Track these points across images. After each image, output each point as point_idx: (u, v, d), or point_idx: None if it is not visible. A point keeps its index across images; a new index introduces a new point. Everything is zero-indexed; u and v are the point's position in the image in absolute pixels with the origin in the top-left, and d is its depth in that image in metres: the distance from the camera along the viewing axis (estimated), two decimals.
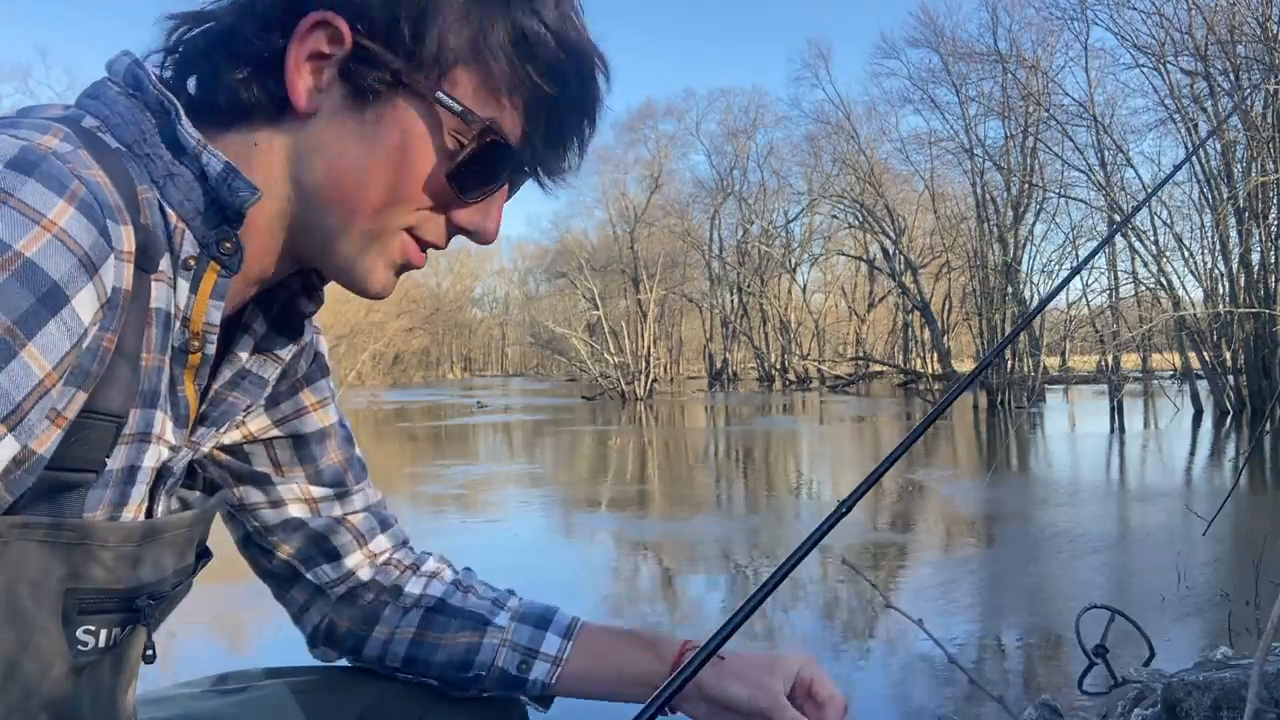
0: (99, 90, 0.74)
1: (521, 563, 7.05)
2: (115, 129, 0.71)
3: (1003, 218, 30.15)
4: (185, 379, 0.78)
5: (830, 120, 39.22)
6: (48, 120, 0.68)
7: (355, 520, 1.05)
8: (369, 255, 0.77)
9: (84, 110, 0.72)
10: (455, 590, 1.09)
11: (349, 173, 0.74)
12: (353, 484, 1.04)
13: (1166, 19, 22.24)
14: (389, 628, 1.06)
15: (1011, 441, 16.55)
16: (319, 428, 1.00)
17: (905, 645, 4.74)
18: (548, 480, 11.68)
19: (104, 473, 0.71)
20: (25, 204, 0.59)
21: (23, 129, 0.64)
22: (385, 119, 0.73)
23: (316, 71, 0.73)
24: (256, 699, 1.01)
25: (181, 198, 0.72)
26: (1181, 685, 2.44)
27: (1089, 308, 29.23)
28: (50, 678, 0.72)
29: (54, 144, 0.64)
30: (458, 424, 22.21)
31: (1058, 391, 31.40)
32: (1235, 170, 22.50)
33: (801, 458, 14.88)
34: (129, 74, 0.74)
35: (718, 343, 50.06)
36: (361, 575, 1.06)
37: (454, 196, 0.76)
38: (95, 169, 0.65)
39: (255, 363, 0.87)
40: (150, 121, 0.72)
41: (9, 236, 0.58)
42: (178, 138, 0.72)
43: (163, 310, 0.72)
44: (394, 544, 1.10)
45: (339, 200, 0.75)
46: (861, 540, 7.56)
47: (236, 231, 0.74)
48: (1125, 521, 8.56)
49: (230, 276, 0.75)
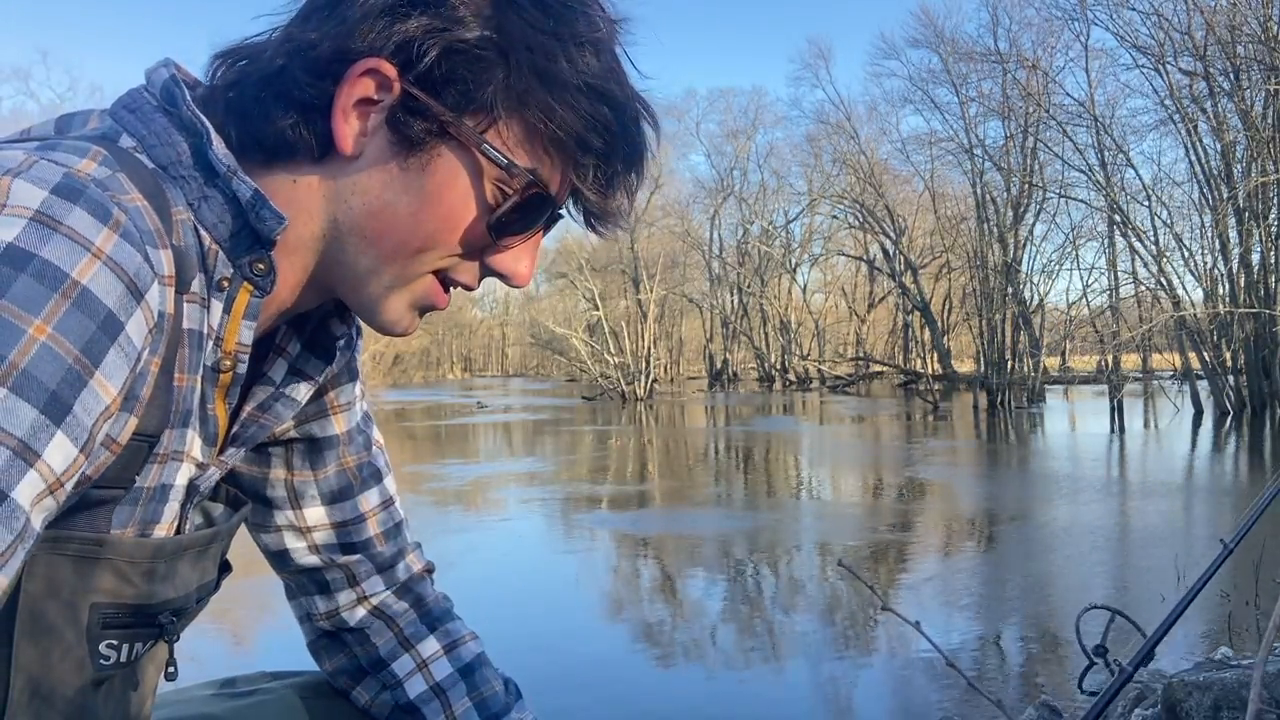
0: (136, 103, 0.74)
1: (521, 562, 7.06)
2: (151, 149, 0.72)
3: (1003, 218, 30.16)
4: (216, 397, 0.78)
5: (830, 120, 39.30)
6: (86, 141, 0.68)
7: (348, 559, 1.02)
8: (395, 295, 0.78)
9: (120, 125, 0.73)
10: (431, 699, 1.04)
11: (388, 217, 0.75)
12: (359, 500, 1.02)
13: (1166, 19, 22.26)
14: (368, 694, 1.06)
15: (1011, 441, 16.55)
16: (333, 433, 1.00)
17: (905, 645, 4.75)
18: (548, 479, 11.68)
19: (132, 490, 0.72)
20: (76, 231, 0.59)
21: (60, 152, 0.64)
22: (429, 167, 0.74)
23: (363, 117, 0.73)
24: (264, 702, 1.01)
25: (215, 220, 0.72)
26: (1182, 685, 2.45)
27: (1089, 308, 29.25)
28: (71, 690, 0.73)
29: (93, 169, 0.64)
30: (458, 424, 22.22)
31: (1058, 392, 31.40)
32: (1235, 170, 22.50)
33: (801, 458, 14.88)
34: (165, 90, 0.75)
35: (718, 343, 50.06)
36: (348, 617, 1.04)
37: (491, 243, 0.77)
38: (134, 194, 0.66)
39: (288, 384, 0.88)
40: (184, 144, 0.72)
41: (66, 264, 0.59)
42: (209, 160, 0.72)
43: (195, 330, 0.72)
44: (389, 585, 1.06)
45: (375, 243, 0.75)
46: (861, 540, 7.56)
47: (269, 254, 0.75)
48: (1125, 521, 8.56)
49: (263, 297, 0.76)
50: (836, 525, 8.36)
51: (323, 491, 1.00)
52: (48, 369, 0.57)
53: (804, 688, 4.30)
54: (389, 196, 0.74)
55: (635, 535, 8.05)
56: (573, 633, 5.19)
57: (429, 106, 0.72)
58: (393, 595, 1.05)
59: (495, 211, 0.75)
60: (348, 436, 1.01)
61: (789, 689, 4.27)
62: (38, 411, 0.57)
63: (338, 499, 1.01)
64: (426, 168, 0.74)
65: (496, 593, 5.86)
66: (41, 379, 0.57)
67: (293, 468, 0.99)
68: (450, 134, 0.73)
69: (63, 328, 0.58)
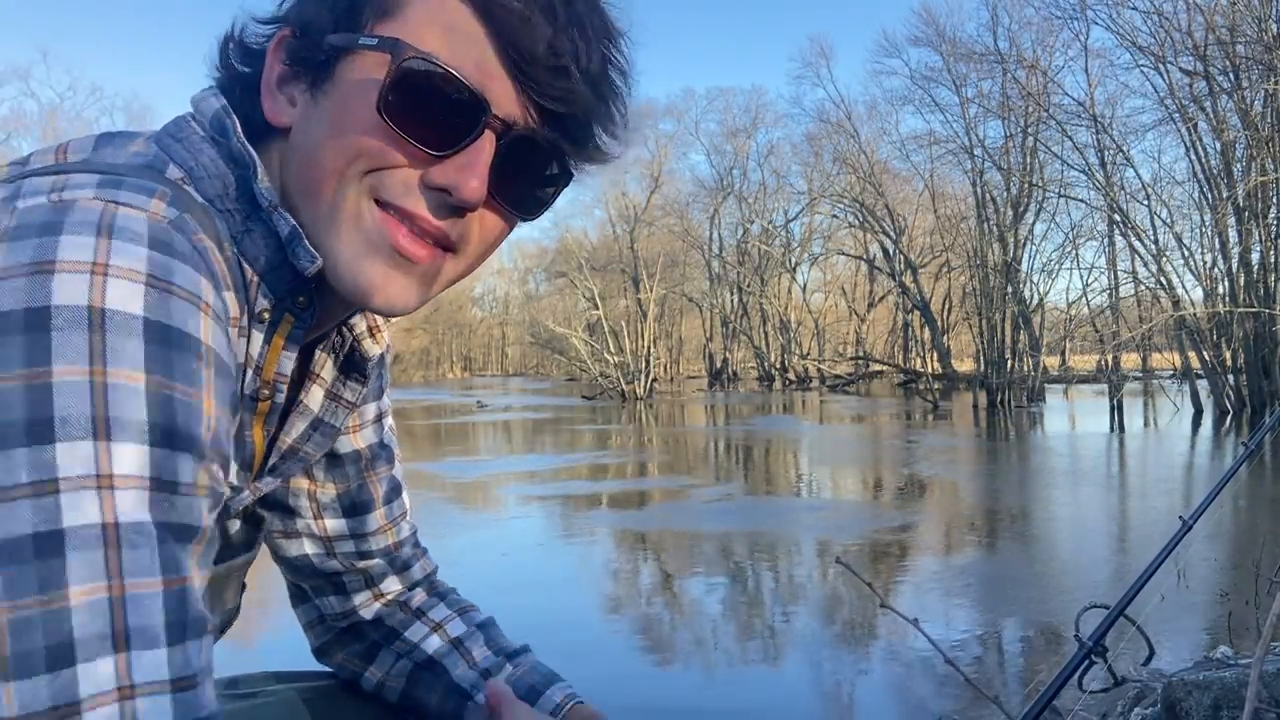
0: (183, 132, 0.74)
1: (522, 562, 7.06)
2: (199, 182, 0.72)
3: (1002, 217, 30.15)
4: (254, 424, 0.79)
5: (831, 119, 39.28)
6: (147, 181, 0.66)
7: (367, 564, 1.04)
8: (345, 241, 0.72)
9: (167, 155, 0.73)
10: (450, 651, 1.06)
11: (309, 155, 0.73)
12: (378, 513, 1.04)
13: (1166, 19, 22.26)
14: (382, 670, 1.07)
15: (1011, 440, 16.55)
16: (353, 449, 1.00)
17: (905, 644, 4.75)
18: (547, 478, 11.68)
19: None
20: (185, 290, 0.61)
21: (127, 191, 0.64)
22: (330, 89, 0.72)
23: (285, 85, 0.75)
24: (267, 704, 1.01)
25: (257, 253, 0.73)
26: (1181, 685, 2.46)
27: (1089, 307, 29.26)
28: None
29: (163, 210, 0.64)
30: (457, 422, 22.22)
31: (1057, 391, 31.40)
32: (1235, 170, 22.50)
33: (801, 456, 14.88)
34: (216, 120, 0.75)
35: (718, 342, 50.06)
36: (364, 614, 1.07)
37: (398, 139, 0.70)
38: (200, 234, 0.66)
39: (326, 410, 0.89)
40: (230, 176, 0.73)
41: (193, 327, 0.61)
42: (254, 193, 0.73)
43: (237, 360, 0.73)
44: (406, 585, 1.09)
45: (306, 187, 0.73)
46: (861, 539, 7.57)
47: (311, 288, 0.75)
48: (1125, 520, 8.57)
49: (304, 329, 0.76)
50: (836, 523, 8.37)
51: (344, 505, 1.01)
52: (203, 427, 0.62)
53: (802, 686, 4.31)
54: (308, 136, 0.73)
55: (634, 534, 8.05)
56: (570, 632, 5.19)
57: (314, 33, 0.73)
58: (407, 591, 1.09)
59: (401, 101, 0.69)
60: (370, 451, 1.02)
61: (787, 687, 4.27)
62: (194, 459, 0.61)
63: (358, 511, 1.02)
64: (332, 90, 0.72)
65: (497, 591, 5.86)
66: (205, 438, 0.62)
67: (315, 479, 1.00)
68: (337, 47, 0.72)
69: (218, 395, 0.63)
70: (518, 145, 0.73)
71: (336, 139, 0.70)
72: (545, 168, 0.76)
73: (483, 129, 0.71)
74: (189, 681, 0.58)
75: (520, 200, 0.77)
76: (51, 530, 0.54)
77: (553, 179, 0.77)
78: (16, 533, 0.54)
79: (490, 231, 0.77)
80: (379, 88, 0.69)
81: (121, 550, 0.56)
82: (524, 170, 0.75)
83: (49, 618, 0.54)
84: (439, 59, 0.69)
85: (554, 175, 0.77)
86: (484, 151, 0.71)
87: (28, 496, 0.54)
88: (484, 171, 0.71)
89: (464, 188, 0.71)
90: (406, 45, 0.69)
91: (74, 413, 0.55)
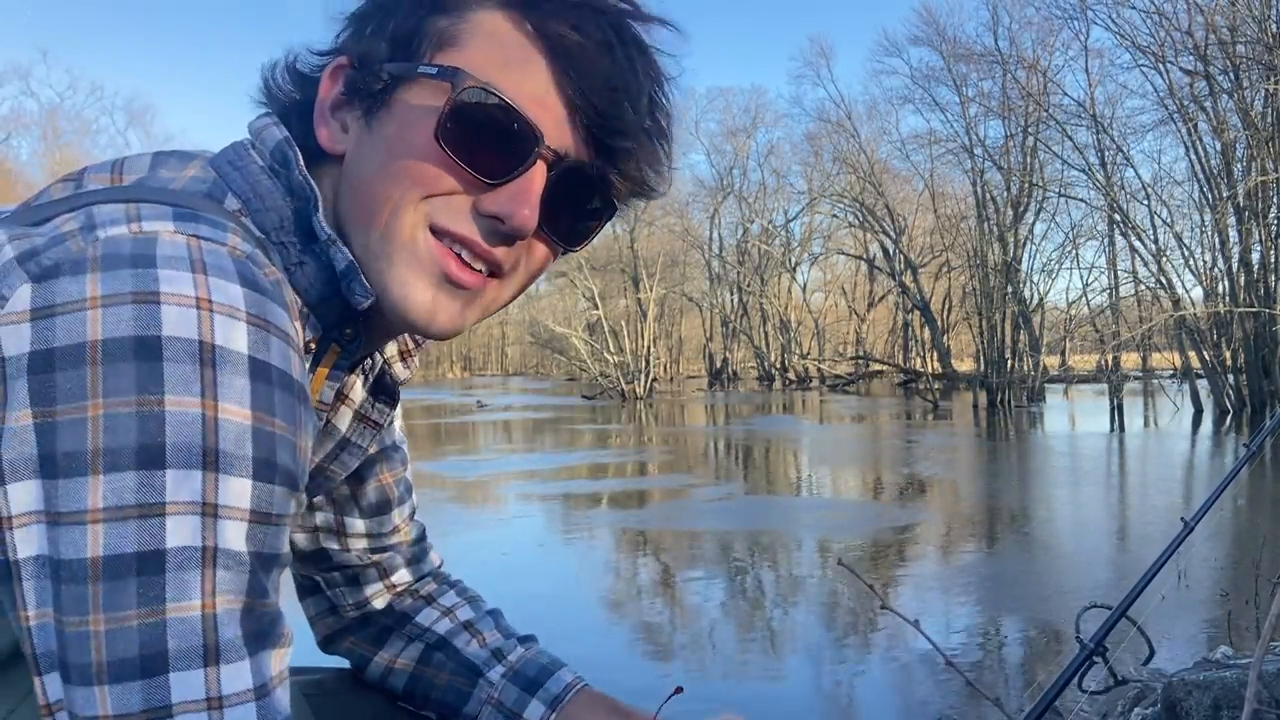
0: (242, 161, 0.75)
1: (521, 561, 7.06)
2: (256, 214, 0.73)
3: (1002, 217, 30.15)
4: None
5: (831, 119, 39.28)
6: (219, 217, 0.68)
7: (382, 558, 1.08)
8: (398, 267, 0.73)
9: (226, 184, 0.73)
10: (461, 631, 1.09)
11: (365, 183, 0.74)
12: (392, 514, 1.06)
13: (1166, 18, 22.25)
14: (391, 654, 1.09)
15: (1011, 440, 16.55)
16: (371, 454, 1.02)
17: (906, 644, 4.75)
18: (547, 477, 11.68)
19: None
20: (279, 328, 0.64)
21: (205, 225, 0.65)
22: (390, 115, 0.74)
23: (338, 111, 0.77)
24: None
25: (307, 284, 0.74)
26: (1182, 685, 2.45)
27: (1089, 307, 29.26)
28: None
29: (240, 244, 0.66)
30: (457, 422, 22.22)
31: (1057, 391, 31.39)
32: (1235, 169, 22.49)
33: (801, 456, 14.88)
34: (279, 151, 0.76)
35: (718, 342, 50.06)
36: (377, 604, 1.10)
37: (454, 166, 0.72)
38: (269, 267, 0.67)
39: (354, 431, 0.90)
40: (289, 208, 0.74)
41: (293, 369, 0.64)
42: (311, 226, 0.74)
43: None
44: (415, 576, 1.12)
45: (362, 216, 0.74)
46: (861, 538, 7.57)
47: (359, 319, 0.77)
48: (1125, 519, 8.57)
49: (349, 359, 0.78)
50: (836, 523, 8.36)
51: (362, 506, 1.05)
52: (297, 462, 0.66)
53: (802, 686, 4.30)
54: (362, 163, 0.74)
55: (633, 534, 8.04)
56: (568, 631, 5.19)
57: (372, 62, 0.74)
58: (416, 582, 1.12)
59: (460, 133, 0.72)
60: (383, 455, 1.05)
61: (786, 687, 4.27)
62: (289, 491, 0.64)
63: (378, 512, 1.06)
64: (388, 118, 0.74)
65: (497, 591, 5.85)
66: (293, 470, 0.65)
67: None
68: (396, 76, 0.73)
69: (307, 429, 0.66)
70: (568, 176, 0.75)
71: (393, 165, 0.73)
72: (592, 200, 0.78)
73: (535, 159, 0.73)
74: (265, 690, 0.61)
75: (567, 231, 0.79)
76: (155, 550, 0.57)
77: (598, 211, 0.80)
78: (121, 550, 0.57)
79: (536, 260, 0.80)
80: (438, 115, 0.71)
81: (217, 573, 0.59)
82: (572, 201, 0.77)
83: (145, 630, 0.57)
84: (497, 89, 0.71)
85: (599, 208, 0.79)
86: (536, 181, 0.73)
87: (134, 517, 0.57)
88: (535, 201, 0.73)
89: (516, 216, 0.73)
90: (466, 74, 0.71)
91: (185, 442, 0.58)
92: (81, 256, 0.60)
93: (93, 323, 0.57)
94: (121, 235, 0.61)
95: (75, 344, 0.57)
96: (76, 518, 0.56)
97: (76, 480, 0.56)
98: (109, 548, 0.56)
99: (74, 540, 0.56)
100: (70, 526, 0.56)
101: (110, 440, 0.56)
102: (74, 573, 0.56)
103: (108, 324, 0.57)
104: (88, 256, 0.60)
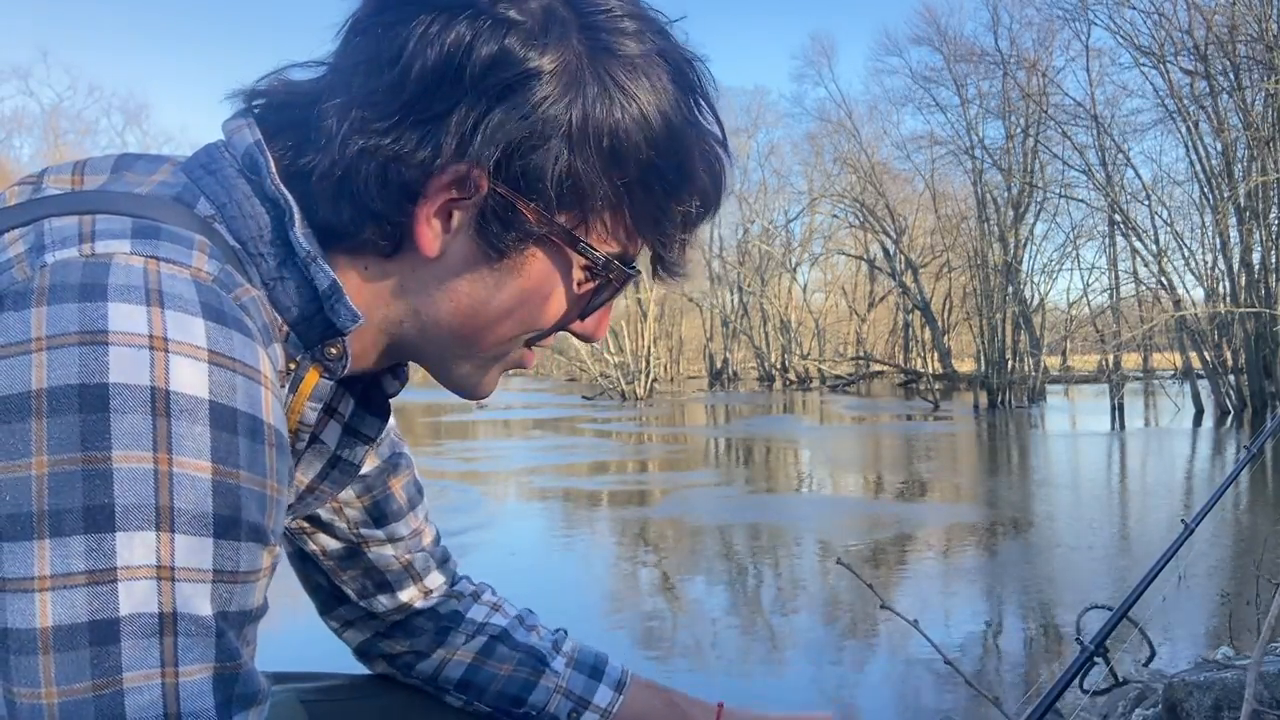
0: (216, 164, 0.70)
1: (520, 560, 7.06)
2: (231, 222, 0.68)
3: (1003, 217, 30.15)
4: None
5: (832, 119, 39.29)
6: (183, 230, 0.63)
7: (409, 559, 1.07)
8: (489, 370, 0.79)
9: (198, 188, 0.69)
10: (519, 624, 1.12)
11: (481, 314, 0.73)
12: (408, 518, 1.06)
13: (1166, 18, 22.26)
14: (449, 650, 1.09)
15: (1012, 440, 16.55)
16: (371, 466, 1.01)
17: (906, 645, 4.75)
18: (547, 476, 11.68)
19: None
20: (246, 366, 0.59)
21: (166, 242, 0.60)
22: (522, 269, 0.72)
23: (445, 217, 0.70)
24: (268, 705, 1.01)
25: (288, 303, 0.70)
26: (1182, 685, 2.45)
27: (1089, 307, 29.26)
28: None
29: (206, 265, 0.61)
30: (457, 421, 22.21)
31: (1058, 391, 31.40)
32: (1236, 169, 22.49)
33: (802, 456, 14.88)
34: (248, 157, 0.70)
35: (718, 342, 50.05)
36: (418, 606, 1.10)
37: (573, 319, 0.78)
38: (244, 286, 0.63)
39: (344, 447, 0.86)
40: (265, 217, 0.69)
41: (259, 410, 0.60)
42: (289, 239, 0.69)
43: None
44: (448, 579, 1.13)
45: (465, 334, 0.75)
46: (861, 538, 7.56)
47: (342, 340, 0.72)
48: (1125, 520, 8.57)
49: (332, 379, 0.74)
50: (836, 523, 8.37)
51: (373, 515, 1.04)
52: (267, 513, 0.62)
53: (802, 686, 4.30)
54: (481, 295, 0.72)
55: (633, 533, 8.05)
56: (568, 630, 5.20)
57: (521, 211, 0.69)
58: (449, 585, 1.13)
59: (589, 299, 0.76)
60: (387, 464, 1.04)
61: (786, 687, 4.27)
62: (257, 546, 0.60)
63: (389, 520, 1.05)
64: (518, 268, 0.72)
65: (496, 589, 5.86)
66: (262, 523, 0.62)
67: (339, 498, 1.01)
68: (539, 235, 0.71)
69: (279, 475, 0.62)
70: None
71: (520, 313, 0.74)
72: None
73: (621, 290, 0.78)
74: None
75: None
76: (109, 619, 0.54)
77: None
78: (71, 620, 0.53)
79: None
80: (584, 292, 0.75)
81: (178, 639, 0.55)
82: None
83: (102, 701, 0.53)
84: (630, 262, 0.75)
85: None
86: (616, 303, 0.79)
87: (83, 584, 0.53)
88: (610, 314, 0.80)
89: (598, 336, 0.80)
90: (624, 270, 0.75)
91: (135, 501, 0.54)
92: (27, 287, 0.56)
93: (37, 368, 0.54)
94: (71, 260, 0.57)
95: (18, 393, 0.54)
96: (24, 585, 0.53)
97: (22, 544, 0.53)
98: (59, 617, 0.53)
99: (22, 609, 0.53)
100: (17, 594, 0.53)
101: (55, 502, 0.53)
102: (23, 643, 0.53)
103: (52, 370, 0.54)
104: (34, 288, 0.56)
